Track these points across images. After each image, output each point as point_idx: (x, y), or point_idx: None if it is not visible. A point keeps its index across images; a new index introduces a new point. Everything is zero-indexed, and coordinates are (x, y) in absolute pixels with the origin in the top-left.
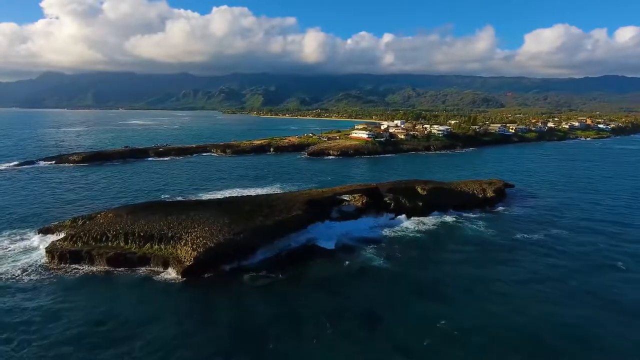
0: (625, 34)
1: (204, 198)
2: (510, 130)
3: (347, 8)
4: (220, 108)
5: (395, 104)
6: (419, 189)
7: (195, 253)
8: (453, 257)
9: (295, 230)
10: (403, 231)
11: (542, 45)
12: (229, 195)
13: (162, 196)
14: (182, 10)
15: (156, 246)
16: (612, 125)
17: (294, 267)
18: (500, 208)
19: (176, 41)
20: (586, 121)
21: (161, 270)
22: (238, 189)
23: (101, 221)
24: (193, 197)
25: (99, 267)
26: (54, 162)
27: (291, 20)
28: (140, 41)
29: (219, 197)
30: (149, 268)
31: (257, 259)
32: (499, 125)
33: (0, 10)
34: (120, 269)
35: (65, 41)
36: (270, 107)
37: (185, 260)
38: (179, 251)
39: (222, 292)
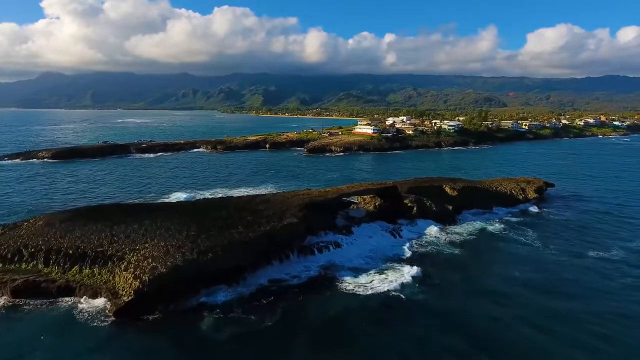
0: (627, 34)
1: (174, 200)
2: (524, 126)
3: (349, 8)
4: (219, 108)
5: (397, 103)
6: (447, 189)
7: (137, 283)
8: (509, 286)
9: (288, 245)
10: (433, 244)
11: (545, 45)
12: (210, 196)
13: (130, 198)
14: (183, 10)
15: (87, 270)
16: (627, 123)
17: (285, 305)
18: (546, 211)
19: (177, 41)
20: (600, 118)
21: (89, 305)
22: (223, 189)
23: (23, 232)
24: (164, 199)
25: (3, 300)
26: (19, 158)
27: (293, 21)
28: (141, 41)
29: (198, 198)
30: (74, 300)
31: (229, 291)
32: (512, 121)
33: (0, 10)
34: (34, 301)
35: (65, 41)
36: (270, 107)
37: (123, 293)
38: (117, 278)
39: (172, 344)
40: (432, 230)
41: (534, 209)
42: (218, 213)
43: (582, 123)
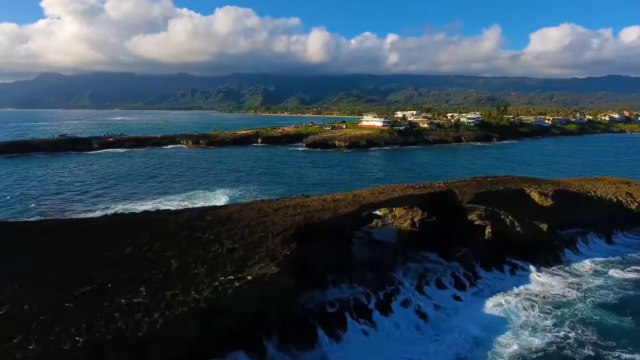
0: (630, 34)
1: (82, 216)
2: (546, 121)
3: (353, 8)
4: (217, 108)
5: (398, 103)
6: (534, 195)
7: None
8: None
9: (259, 326)
10: (567, 309)
11: (548, 44)
12: (152, 207)
13: (47, 211)
14: (185, 10)
15: None
16: None
17: None
18: None
19: (179, 41)
20: (625, 113)
21: None
22: (172, 197)
23: None
24: (80, 214)
25: None
26: None
27: (295, 21)
28: (142, 41)
29: (132, 210)
30: None
31: None
32: (533, 116)
33: (0, 10)
34: None
35: (66, 41)
36: (269, 106)
37: None
38: None
39: None
40: (537, 279)
41: None
42: (117, 249)
43: (607, 118)
